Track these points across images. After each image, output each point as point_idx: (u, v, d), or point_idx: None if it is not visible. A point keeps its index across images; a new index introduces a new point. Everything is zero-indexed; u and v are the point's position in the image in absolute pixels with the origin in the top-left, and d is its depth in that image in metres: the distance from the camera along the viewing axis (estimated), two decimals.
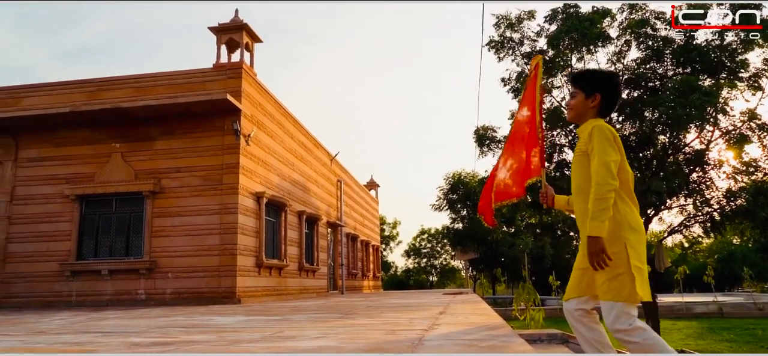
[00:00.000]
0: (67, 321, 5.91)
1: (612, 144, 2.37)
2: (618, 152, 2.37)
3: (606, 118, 2.61)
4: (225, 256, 10.62)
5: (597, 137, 2.38)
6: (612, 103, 2.60)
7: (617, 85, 2.64)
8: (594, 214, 2.26)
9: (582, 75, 2.69)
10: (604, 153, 2.33)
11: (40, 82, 12.22)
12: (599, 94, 2.57)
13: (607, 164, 2.31)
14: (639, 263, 2.32)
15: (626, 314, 2.27)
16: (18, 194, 11.67)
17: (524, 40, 13.73)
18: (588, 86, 2.60)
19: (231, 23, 11.94)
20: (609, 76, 2.64)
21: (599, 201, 2.26)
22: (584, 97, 2.60)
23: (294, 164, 14.93)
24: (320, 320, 5.32)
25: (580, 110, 2.62)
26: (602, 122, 2.48)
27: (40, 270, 11.17)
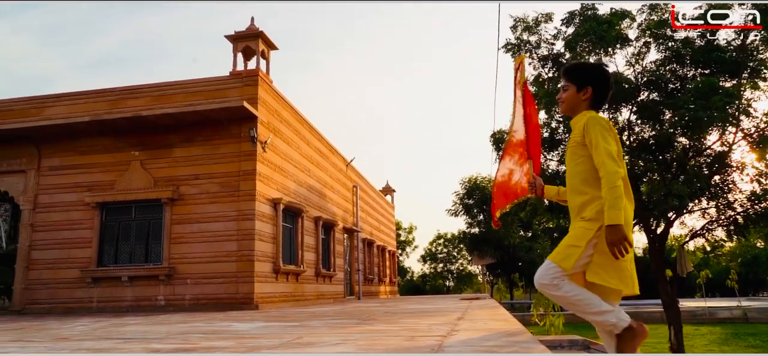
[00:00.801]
0: (88, 327, 5.98)
1: (610, 133, 2.39)
2: (615, 142, 2.39)
3: (598, 110, 2.62)
4: (242, 262, 10.68)
5: (594, 128, 2.40)
6: (603, 95, 2.62)
7: (608, 78, 2.65)
8: (611, 203, 2.26)
9: (573, 68, 2.70)
10: (606, 143, 2.35)
11: (62, 92, 12.44)
12: (591, 87, 2.59)
13: (611, 153, 2.33)
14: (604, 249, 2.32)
15: (555, 273, 2.34)
16: (41, 202, 11.89)
17: (541, 42, 13.63)
18: (579, 80, 2.62)
19: (247, 31, 12.05)
20: (600, 69, 2.66)
21: (613, 190, 2.27)
22: (576, 90, 2.61)
23: (310, 170, 14.99)
24: (338, 326, 5.31)
25: (573, 103, 2.63)
26: (595, 113, 2.51)
27: (62, 277, 11.35)
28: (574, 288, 2.34)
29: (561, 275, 2.35)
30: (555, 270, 2.36)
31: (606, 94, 2.61)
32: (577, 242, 2.37)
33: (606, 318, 2.29)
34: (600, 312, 2.30)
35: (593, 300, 2.31)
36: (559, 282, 2.34)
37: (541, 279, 2.39)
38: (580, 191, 2.50)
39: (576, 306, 2.32)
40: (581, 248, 2.34)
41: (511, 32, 13.88)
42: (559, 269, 2.35)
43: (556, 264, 2.36)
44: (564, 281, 2.34)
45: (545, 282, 2.37)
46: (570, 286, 2.34)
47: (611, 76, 2.68)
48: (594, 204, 2.40)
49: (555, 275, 2.36)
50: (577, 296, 2.31)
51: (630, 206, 2.40)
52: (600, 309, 2.30)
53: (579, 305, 2.31)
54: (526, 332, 4.94)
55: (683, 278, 14.09)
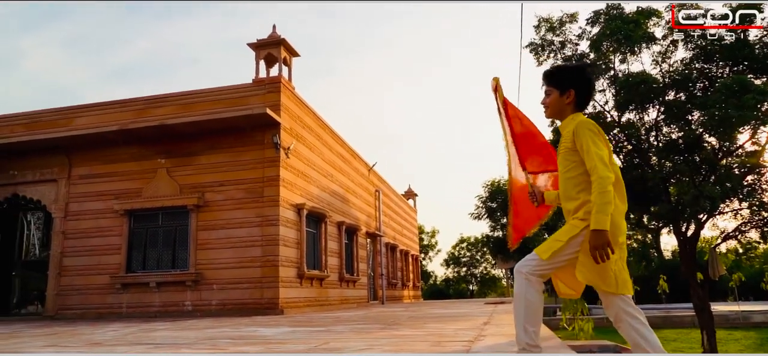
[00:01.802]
0: (119, 332, 6.09)
1: (601, 137, 2.40)
2: (606, 146, 2.40)
3: (584, 110, 2.63)
4: (267, 267, 10.77)
5: (584, 133, 2.41)
6: (587, 96, 2.63)
7: (589, 78, 2.64)
8: (599, 207, 2.28)
9: (554, 72, 2.69)
10: (597, 147, 2.36)
11: (89, 103, 12.73)
12: (573, 89, 2.57)
13: (602, 158, 2.34)
14: (621, 258, 2.39)
15: (536, 265, 2.40)
16: (71, 210, 12.18)
17: (566, 43, 13.48)
18: (561, 83, 2.61)
19: (269, 39, 12.18)
20: (580, 71, 2.64)
21: (603, 195, 2.29)
22: (559, 94, 2.61)
23: (333, 176, 15.05)
24: (364, 331, 5.30)
25: (557, 107, 2.63)
26: (583, 118, 2.52)
27: (93, 283, 11.59)
28: (534, 296, 2.39)
29: (538, 271, 2.40)
30: (535, 263, 2.41)
31: (589, 94, 2.63)
32: (560, 236, 2.41)
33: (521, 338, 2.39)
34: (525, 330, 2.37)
35: (536, 317, 2.38)
36: (532, 280, 2.39)
37: (521, 267, 2.44)
38: (573, 197, 2.52)
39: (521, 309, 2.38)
40: (562, 243, 2.38)
41: (534, 32, 13.77)
42: (539, 260, 2.40)
43: (536, 255, 2.42)
44: (536, 282, 2.40)
45: (523, 271, 2.42)
46: (534, 293, 2.39)
47: (592, 75, 2.68)
48: (587, 207, 2.41)
49: (532, 269, 2.41)
50: (531, 303, 2.37)
51: (622, 206, 2.43)
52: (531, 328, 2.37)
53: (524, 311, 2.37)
54: (555, 337, 4.87)
55: (715, 281, 13.72)
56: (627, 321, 2.39)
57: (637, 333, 2.36)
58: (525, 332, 2.39)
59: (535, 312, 2.39)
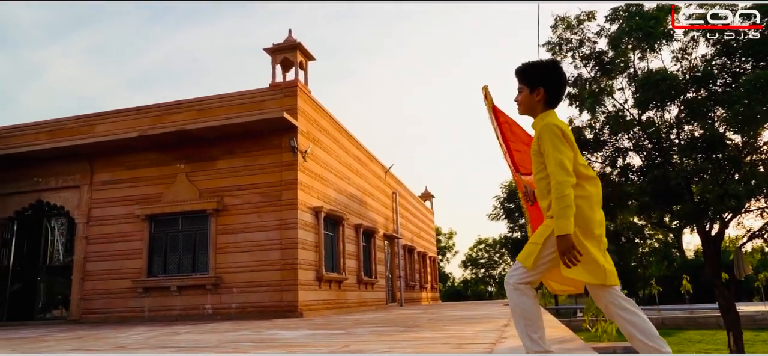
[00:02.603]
0: (142, 335, 6.17)
1: (562, 141, 2.39)
2: (570, 147, 2.40)
3: (556, 107, 2.58)
4: (286, 270, 10.81)
5: (545, 138, 2.41)
6: (557, 92, 2.58)
7: (558, 75, 2.60)
8: (558, 213, 2.30)
9: (523, 69, 2.64)
10: (556, 152, 2.36)
11: (109, 110, 12.93)
12: (542, 87, 2.55)
13: (561, 162, 2.34)
14: (597, 247, 2.38)
15: (522, 274, 2.41)
16: (94, 215, 12.38)
17: (584, 41, 13.32)
18: (530, 81, 2.58)
19: (285, 43, 12.25)
20: (550, 67, 2.61)
21: (561, 200, 2.30)
22: (529, 92, 2.58)
23: (350, 178, 15.08)
24: (384, 333, 5.29)
25: (528, 104, 2.60)
26: (550, 119, 2.48)
27: (116, 287, 11.76)
28: (529, 304, 2.39)
29: (526, 279, 2.40)
30: (521, 272, 2.42)
31: (560, 91, 2.59)
32: (537, 239, 2.42)
33: (529, 348, 2.37)
34: (531, 339, 2.36)
35: (537, 322, 2.37)
36: (524, 289, 2.40)
37: (509, 278, 2.45)
38: (545, 196, 2.52)
39: (520, 320, 2.39)
40: (540, 245, 2.39)
41: (551, 31, 13.64)
42: (523, 269, 2.41)
43: (520, 264, 2.43)
44: (527, 289, 2.40)
45: (511, 282, 2.42)
46: (527, 301, 2.39)
47: (562, 71, 2.63)
48: None
49: (520, 279, 2.41)
50: (526, 311, 2.37)
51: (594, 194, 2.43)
52: (536, 335, 2.36)
53: (523, 321, 2.38)
54: (577, 338, 4.80)
55: (741, 281, 13.43)
56: (617, 313, 2.38)
57: (630, 324, 2.34)
58: (531, 341, 2.37)
59: (534, 318, 2.38)
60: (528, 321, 2.38)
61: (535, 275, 2.43)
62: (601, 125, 13.43)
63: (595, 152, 13.61)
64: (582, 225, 2.36)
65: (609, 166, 13.71)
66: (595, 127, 13.58)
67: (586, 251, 2.33)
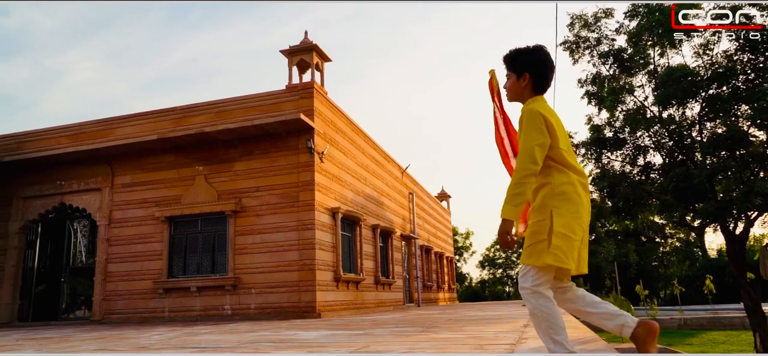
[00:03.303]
0: (163, 336, 6.24)
1: (538, 127, 2.37)
2: (545, 134, 2.37)
3: (544, 92, 2.57)
4: (304, 271, 10.86)
5: (525, 123, 2.41)
6: (544, 77, 2.57)
7: (543, 60, 2.58)
8: (509, 198, 2.33)
9: (510, 57, 2.64)
10: (528, 139, 2.36)
11: (129, 113, 13.11)
12: (527, 73, 2.56)
13: (530, 150, 2.34)
14: (564, 230, 2.33)
15: (534, 275, 2.35)
16: (115, 217, 12.57)
17: (602, 39, 13.14)
18: (517, 67, 2.59)
19: (301, 45, 12.30)
20: (535, 53, 2.59)
21: (516, 186, 2.32)
22: (516, 78, 2.60)
23: (366, 179, 15.09)
24: (403, 334, 5.27)
25: (516, 91, 2.61)
26: (534, 105, 2.47)
27: (137, 288, 11.93)
28: (548, 305, 2.33)
29: (542, 281, 2.35)
30: (534, 274, 2.36)
31: (546, 76, 2.57)
32: (540, 236, 2.37)
33: (553, 350, 2.31)
34: (554, 341, 2.30)
35: (559, 323, 2.31)
36: (542, 290, 2.34)
37: (523, 283, 2.39)
38: None
39: (542, 324, 2.32)
40: (547, 241, 2.34)
41: (568, 30, 13.49)
42: (536, 271, 2.35)
43: (530, 266, 2.37)
44: (545, 290, 2.35)
45: (527, 286, 2.36)
46: (546, 302, 2.33)
47: (549, 55, 2.59)
48: (543, 191, 2.42)
49: (536, 280, 2.35)
50: (548, 314, 2.31)
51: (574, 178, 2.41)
52: (559, 337, 2.30)
53: (545, 324, 2.31)
54: (599, 339, 4.74)
55: (766, 281, 13.13)
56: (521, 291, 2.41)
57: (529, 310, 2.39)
58: (554, 343, 2.33)
59: (555, 319, 2.33)
60: (549, 323, 2.32)
61: (548, 271, 2.38)
62: (621, 124, 13.24)
63: (615, 151, 13.42)
64: (567, 211, 2.36)
65: (629, 164, 13.51)
66: (615, 125, 13.39)
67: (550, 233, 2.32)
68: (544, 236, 2.33)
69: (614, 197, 12.90)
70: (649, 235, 34.34)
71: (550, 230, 2.33)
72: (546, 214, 2.37)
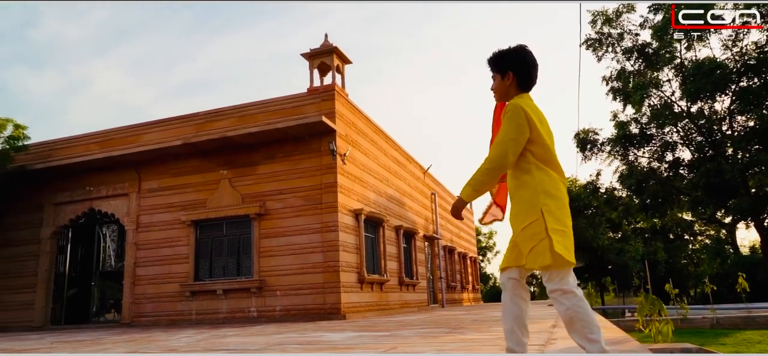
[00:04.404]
0: (192, 338, 6.31)
1: (517, 123, 2.43)
2: (524, 130, 2.42)
3: (529, 89, 2.63)
4: (328, 273, 10.89)
5: (506, 118, 2.47)
6: (527, 74, 2.62)
7: (525, 58, 2.63)
8: (472, 181, 2.44)
9: (493, 58, 2.71)
10: (506, 133, 2.43)
11: (154, 120, 13.33)
12: (511, 71, 2.62)
13: (505, 143, 2.41)
14: (558, 225, 2.38)
15: (558, 275, 2.36)
16: (142, 222, 12.79)
17: (625, 34, 12.90)
18: (500, 67, 2.66)
19: (322, 48, 12.36)
20: (517, 52, 2.65)
21: (483, 173, 2.42)
22: (500, 78, 2.66)
23: (389, 180, 15.07)
24: (429, 335, 5.24)
25: (502, 91, 2.67)
26: (518, 101, 2.51)
27: (164, 291, 12.11)
28: (583, 304, 2.33)
29: (568, 279, 2.36)
30: (558, 275, 2.37)
31: (530, 73, 2.62)
32: (540, 236, 2.37)
33: (591, 348, 2.29)
34: (591, 340, 2.29)
35: (594, 321, 2.31)
36: (572, 288, 2.35)
37: (551, 286, 2.39)
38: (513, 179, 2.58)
39: (575, 322, 2.31)
40: (547, 239, 2.35)
41: (590, 28, 13.28)
42: (557, 271, 2.36)
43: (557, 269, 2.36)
44: (575, 288, 2.36)
45: (555, 287, 2.37)
46: (576, 300, 2.33)
47: (531, 54, 2.62)
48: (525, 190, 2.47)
49: (562, 280, 2.36)
50: (581, 313, 2.30)
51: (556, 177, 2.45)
52: (592, 336, 2.29)
53: (578, 322, 2.30)
54: (632, 339, 4.63)
55: None
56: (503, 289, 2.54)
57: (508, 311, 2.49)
58: (590, 342, 2.31)
59: (590, 318, 2.33)
60: (585, 322, 2.30)
61: (568, 264, 2.38)
62: (647, 119, 12.96)
63: (642, 147, 13.15)
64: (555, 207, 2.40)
65: (656, 161, 13.22)
66: (641, 121, 13.12)
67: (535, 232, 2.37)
68: (543, 235, 2.36)
69: (642, 194, 12.64)
70: (678, 232, 33.60)
71: (546, 228, 2.36)
72: (537, 214, 2.39)
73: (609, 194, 18.66)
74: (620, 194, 17.14)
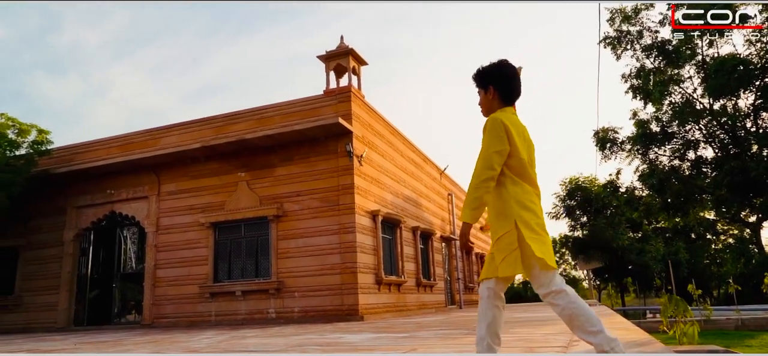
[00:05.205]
0: (213, 339, 6.36)
1: (498, 136, 2.50)
2: (504, 141, 2.49)
3: (513, 103, 2.71)
4: (346, 274, 10.90)
5: (486, 132, 2.54)
6: (509, 88, 2.70)
7: (505, 72, 2.71)
8: (467, 202, 2.48)
9: (476, 75, 2.79)
10: (487, 147, 2.49)
11: (173, 123, 13.49)
12: (492, 86, 2.70)
13: (488, 157, 2.47)
14: (533, 234, 2.45)
15: (546, 280, 2.42)
16: (162, 224, 12.95)
17: (644, 31, 12.70)
18: (483, 83, 2.74)
19: (338, 50, 12.39)
20: (497, 67, 2.72)
21: (475, 190, 2.47)
22: (484, 93, 2.73)
23: (405, 181, 15.05)
24: (448, 336, 5.21)
25: (486, 105, 2.73)
26: (497, 114, 2.59)
27: (184, 293, 12.24)
28: (577, 299, 2.38)
29: (557, 280, 2.41)
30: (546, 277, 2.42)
31: (511, 86, 2.69)
32: (512, 246, 2.45)
33: (600, 341, 2.31)
34: (594, 332, 2.32)
35: (591, 313, 2.35)
36: (563, 287, 2.39)
37: (543, 290, 2.44)
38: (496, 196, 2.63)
39: (574, 319, 2.35)
40: (519, 250, 2.44)
41: (608, 25, 13.11)
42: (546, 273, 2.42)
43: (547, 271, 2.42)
44: (566, 287, 2.40)
45: (548, 291, 2.42)
46: (569, 296, 2.37)
47: (510, 66, 2.70)
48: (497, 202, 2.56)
49: (552, 281, 2.41)
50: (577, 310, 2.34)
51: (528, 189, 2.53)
52: (593, 328, 2.32)
53: (578, 318, 2.34)
54: (656, 341, 4.54)
55: None
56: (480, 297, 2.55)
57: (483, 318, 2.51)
58: (594, 335, 2.34)
59: (587, 311, 2.37)
60: (585, 317, 2.34)
61: (551, 267, 2.43)
62: (668, 117, 12.75)
63: (663, 146, 12.93)
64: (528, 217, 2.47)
65: (678, 159, 12.99)
66: (662, 119, 12.91)
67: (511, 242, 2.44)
68: (515, 245, 2.44)
69: (664, 193, 12.43)
70: (700, 232, 33.00)
71: (520, 237, 2.44)
72: (511, 225, 2.47)
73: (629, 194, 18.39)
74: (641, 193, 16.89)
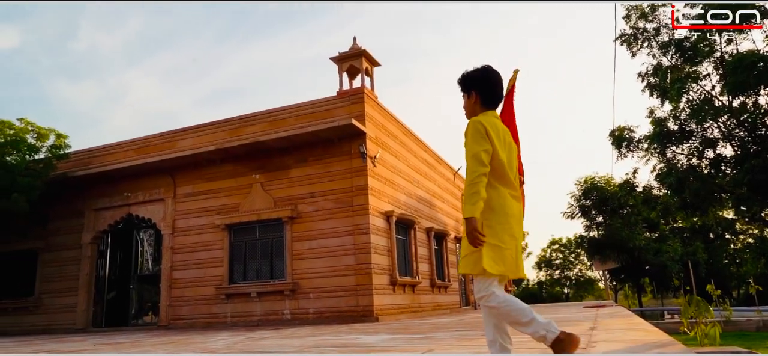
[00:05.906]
0: (229, 340, 6.40)
1: (481, 136, 2.59)
2: (488, 141, 2.58)
3: (495, 106, 2.80)
4: (361, 275, 10.90)
5: (468, 134, 2.62)
6: (490, 92, 2.78)
7: (486, 77, 2.79)
8: (467, 198, 2.52)
9: (460, 80, 2.88)
10: (473, 146, 2.57)
11: (188, 126, 13.60)
12: (474, 90, 2.79)
13: (476, 155, 2.54)
14: (495, 240, 2.54)
15: (483, 285, 2.54)
16: (178, 226, 13.06)
17: (661, 28, 12.53)
18: (466, 87, 2.83)
19: (350, 51, 12.41)
20: (479, 73, 2.81)
21: (470, 187, 2.52)
22: (467, 98, 2.83)
23: (419, 182, 15.02)
24: (465, 337, 5.18)
25: (470, 109, 2.82)
26: (477, 117, 2.67)
27: (200, 294, 12.34)
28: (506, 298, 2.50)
29: (490, 284, 2.52)
30: (482, 282, 2.54)
31: (492, 90, 2.79)
32: (472, 248, 2.52)
33: (535, 329, 2.43)
34: (528, 323, 2.43)
35: (521, 307, 2.47)
36: (494, 290, 2.51)
37: (477, 293, 2.57)
38: None
39: (508, 317, 2.49)
40: (478, 252, 2.52)
41: (624, 23, 12.96)
42: (482, 279, 2.54)
43: (479, 277, 2.56)
44: (497, 289, 2.52)
45: (481, 294, 2.54)
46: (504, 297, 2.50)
47: (493, 72, 2.77)
48: None
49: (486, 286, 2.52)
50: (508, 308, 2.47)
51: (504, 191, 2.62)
52: (526, 319, 2.44)
53: (510, 316, 2.48)
54: (677, 342, 4.47)
55: None
56: (478, 301, 2.59)
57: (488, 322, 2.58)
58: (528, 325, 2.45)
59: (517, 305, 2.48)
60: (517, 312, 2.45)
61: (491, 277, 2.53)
62: (686, 115, 12.56)
63: (681, 144, 12.75)
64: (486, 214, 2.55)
65: (696, 158, 12.79)
66: (680, 117, 12.72)
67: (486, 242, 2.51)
68: (475, 247, 2.51)
69: (682, 192, 12.25)
70: (718, 232, 32.48)
71: None
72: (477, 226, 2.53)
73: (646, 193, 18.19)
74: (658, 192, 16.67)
